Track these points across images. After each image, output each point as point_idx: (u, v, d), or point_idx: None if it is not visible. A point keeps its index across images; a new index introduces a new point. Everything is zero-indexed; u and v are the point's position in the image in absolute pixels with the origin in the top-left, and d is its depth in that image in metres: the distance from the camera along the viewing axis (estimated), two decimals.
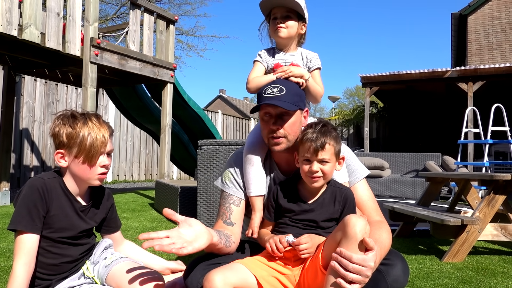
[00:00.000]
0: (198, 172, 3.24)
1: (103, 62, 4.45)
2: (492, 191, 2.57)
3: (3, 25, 3.65)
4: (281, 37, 1.58)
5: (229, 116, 13.01)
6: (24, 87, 7.19)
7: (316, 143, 1.33)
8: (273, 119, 1.43)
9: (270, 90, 1.43)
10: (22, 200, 1.33)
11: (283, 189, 1.44)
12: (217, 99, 34.36)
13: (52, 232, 1.37)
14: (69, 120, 1.39)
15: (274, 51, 1.65)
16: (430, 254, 2.68)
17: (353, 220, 1.15)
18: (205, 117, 6.63)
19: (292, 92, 1.44)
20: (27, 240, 1.30)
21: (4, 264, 2.23)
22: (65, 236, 1.40)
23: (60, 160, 1.39)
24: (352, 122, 13.10)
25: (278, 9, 1.58)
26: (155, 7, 5.35)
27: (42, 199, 1.34)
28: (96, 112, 1.48)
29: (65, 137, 1.37)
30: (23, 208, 1.31)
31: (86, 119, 1.39)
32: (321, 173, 1.35)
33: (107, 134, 1.40)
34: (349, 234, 1.14)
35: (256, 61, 1.65)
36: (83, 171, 1.39)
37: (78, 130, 1.37)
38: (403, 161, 7.39)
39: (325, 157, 1.34)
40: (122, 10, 15.30)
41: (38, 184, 1.35)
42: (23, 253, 1.29)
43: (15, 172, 6.99)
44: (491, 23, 11.99)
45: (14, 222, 1.31)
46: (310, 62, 1.61)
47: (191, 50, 17.31)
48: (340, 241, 1.16)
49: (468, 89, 8.43)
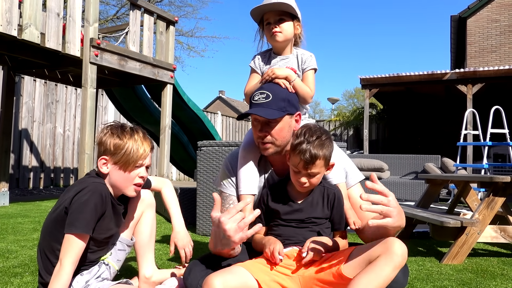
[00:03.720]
0: (198, 173, 3.24)
1: (103, 63, 4.44)
2: (492, 193, 2.57)
3: (3, 25, 3.64)
4: (278, 41, 1.58)
5: (228, 117, 13.00)
6: (24, 87, 7.18)
7: (306, 158, 1.33)
8: (260, 126, 1.44)
9: (257, 96, 1.45)
10: (86, 205, 1.39)
11: (273, 192, 1.46)
12: (216, 100, 34.36)
13: (100, 233, 1.48)
14: (118, 131, 1.51)
15: (270, 55, 1.64)
16: (429, 256, 2.68)
17: (397, 244, 1.18)
18: (205, 118, 6.62)
19: (279, 98, 1.43)
20: (81, 241, 1.39)
21: (3, 264, 2.22)
22: (108, 236, 1.53)
23: (103, 166, 1.50)
24: (351, 124, 13.10)
25: (270, 14, 1.57)
26: (155, 8, 5.35)
27: (103, 204, 1.44)
28: (142, 128, 1.59)
29: (112, 146, 1.48)
30: (88, 213, 1.39)
31: (134, 132, 1.52)
32: (308, 184, 1.37)
33: (148, 149, 1.53)
34: (392, 254, 1.17)
35: (251, 69, 1.65)
36: (121, 179, 1.50)
37: (124, 141, 1.48)
38: (403, 163, 7.39)
39: (314, 171, 1.35)
40: (122, 11, 15.31)
41: (102, 189, 1.45)
42: (74, 252, 1.37)
43: (14, 173, 6.98)
44: (490, 25, 12.02)
45: (79, 227, 1.37)
46: (304, 64, 1.61)
47: (191, 51, 17.24)
48: (378, 257, 1.19)
49: (468, 91, 8.45)
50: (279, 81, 1.49)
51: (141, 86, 6.29)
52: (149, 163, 1.56)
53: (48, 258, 1.46)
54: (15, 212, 4.28)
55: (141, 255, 1.74)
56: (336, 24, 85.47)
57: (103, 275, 1.56)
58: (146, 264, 1.75)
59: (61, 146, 7.90)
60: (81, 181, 1.50)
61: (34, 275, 2.03)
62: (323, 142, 1.35)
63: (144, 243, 1.74)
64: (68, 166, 8.06)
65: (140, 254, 1.74)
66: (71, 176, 8.11)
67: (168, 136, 5.39)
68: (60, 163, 7.91)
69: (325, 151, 1.34)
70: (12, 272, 2.06)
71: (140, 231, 1.73)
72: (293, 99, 1.49)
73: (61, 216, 1.43)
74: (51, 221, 1.47)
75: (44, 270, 1.47)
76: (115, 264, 1.62)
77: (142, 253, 1.74)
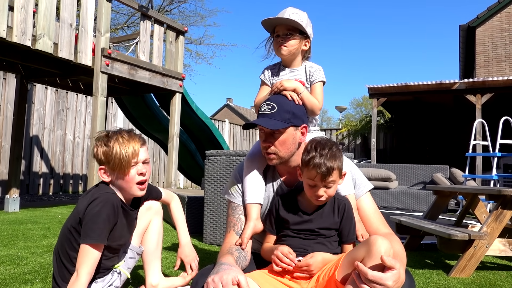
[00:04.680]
0: (205, 182, 3.26)
1: (114, 72, 4.52)
2: (500, 206, 2.55)
3: (17, 36, 3.74)
4: (283, 55, 1.62)
5: (236, 125, 13.06)
6: (35, 95, 7.31)
7: (323, 171, 1.34)
8: (264, 136, 1.47)
9: (263, 107, 1.48)
10: (99, 216, 1.43)
11: (284, 201, 1.47)
12: (224, 108, 34.52)
13: (113, 241, 1.52)
14: (104, 139, 1.54)
15: (280, 67, 1.68)
16: (437, 269, 2.66)
17: (379, 241, 1.15)
18: (213, 126, 6.67)
19: (284, 109, 1.46)
20: (96, 251, 1.43)
21: (14, 271, 2.26)
22: (121, 243, 1.57)
23: (103, 176, 1.54)
24: (359, 133, 13.06)
25: (280, 27, 1.61)
26: (165, 18, 5.44)
27: (115, 214, 1.48)
28: (128, 128, 1.62)
29: (102, 155, 1.52)
30: (101, 224, 1.43)
31: (118, 136, 1.54)
32: (326, 195, 1.38)
33: (137, 146, 1.54)
34: (374, 253, 1.14)
35: (261, 81, 1.69)
36: (123, 181, 1.53)
37: (111, 147, 1.51)
38: (411, 172, 7.35)
39: (331, 181, 1.36)
40: (133, 19, 15.54)
41: (113, 200, 1.49)
42: (90, 263, 1.41)
43: (24, 179, 7.08)
44: (499, 35, 11.96)
45: (93, 237, 1.41)
46: (312, 76, 1.63)
47: (200, 58, 17.40)
48: (363, 259, 1.17)
49: (476, 101, 8.39)
50: (286, 93, 1.51)
51: (150, 94, 6.36)
52: (146, 157, 1.57)
53: (64, 265, 1.50)
54: (25, 218, 4.34)
55: (148, 263, 1.77)
56: (345, 32, 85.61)
57: (115, 283, 1.59)
58: (152, 272, 1.77)
59: (70, 153, 7.99)
60: (93, 192, 1.53)
61: (44, 282, 2.06)
62: (334, 153, 1.38)
63: (151, 251, 1.77)
64: (77, 173, 8.15)
65: (147, 262, 1.77)
66: (80, 183, 8.19)
67: (177, 144, 5.44)
68: (70, 169, 8.00)
69: (338, 162, 1.37)
70: (22, 279, 2.10)
71: (148, 239, 1.76)
72: (299, 111, 1.50)
73: (76, 225, 1.48)
74: (67, 229, 1.52)
75: (59, 276, 1.51)
76: (126, 271, 1.65)
77: (149, 261, 1.77)
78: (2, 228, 3.65)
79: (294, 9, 1.61)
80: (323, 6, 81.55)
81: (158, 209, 1.79)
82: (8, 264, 2.40)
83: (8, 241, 3.08)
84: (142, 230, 1.72)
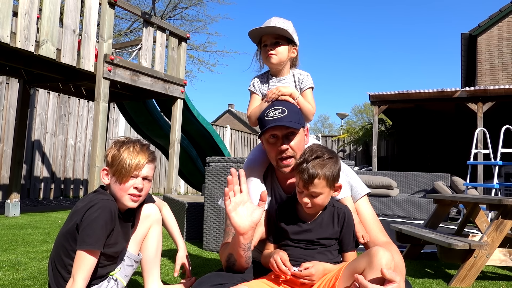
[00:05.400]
0: (206, 189, 3.27)
1: (116, 78, 4.54)
2: (501, 215, 2.55)
3: (21, 41, 3.77)
4: (272, 63, 1.63)
5: (237, 131, 13.08)
6: (38, 100, 7.34)
7: (305, 177, 1.32)
8: (280, 141, 1.46)
9: (272, 113, 1.47)
10: (96, 221, 1.43)
11: (283, 210, 1.46)
12: (225, 114, 34.56)
13: (109, 248, 1.52)
14: (119, 144, 1.57)
15: (268, 77, 1.68)
16: (437, 278, 2.65)
17: (381, 253, 1.14)
18: (214, 132, 6.68)
19: (293, 111, 1.48)
20: (93, 257, 1.43)
21: (13, 276, 2.25)
22: (117, 250, 1.57)
23: (104, 177, 1.56)
24: (360, 140, 13.06)
25: (267, 36, 1.63)
26: (168, 24, 5.48)
27: (112, 220, 1.48)
28: (147, 143, 1.64)
29: (111, 157, 1.54)
30: (98, 230, 1.43)
31: (131, 145, 1.56)
32: (311, 204, 1.36)
33: (144, 160, 1.55)
34: (375, 265, 1.13)
35: (251, 92, 1.69)
36: (116, 189, 1.54)
37: (120, 153, 1.53)
38: (412, 180, 7.32)
39: (315, 191, 1.33)
40: (136, 25, 15.63)
41: (111, 206, 1.49)
42: (86, 269, 1.41)
43: (25, 183, 7.09)
44: (501, 43, 12.00)
45: (90, 243, 1.41)
46: (301, 83, 1.65)
47: (202, 65, 17.45)
48: (363, 271, 1.16)
49: (478, 109, 8.40)
50: (285, 97, 1.53)
51: (152, 100, 6.39)
52: (148, 175, 1.58)
53: (60, 273, 1.49)
54: (26, 223, 4.34)
55: (147, 270, 1.76)
56: (347, 38, 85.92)
57: None
58: (152, 279, 1.77)
59: (72, 158, 8.01)
60: (91, 198, 1.54)
61: None
62: (324, 162, 1.34)
63: (150, 259, 1.76)
64: (78, 178, 8.16)
65: (146, 270, 1.77)
66: (81, 188, 8.19)
67: (177, 150, 5.45)
68: (71, 174, 8.00)
69: (325, 171, 1.33)
70: (21, 285, 2.09)
71: (147, 246, 1.76)
72: (302, 113, 1.55)
73: (73, 232, 1.46)
74: (63, 236, 1.51)
75: (54, 283, 1.50)
76: (123, 279, 1.64)
77: (148, 268, 1.76)
78: (2, 233, 3.65)
79: (279, 19, 1.62)
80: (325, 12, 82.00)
81: (158, 218, 1.79)
82: (7, 269, 2.40)
83: (8, 246, 3.08)
84: (141, 237, 1.72)
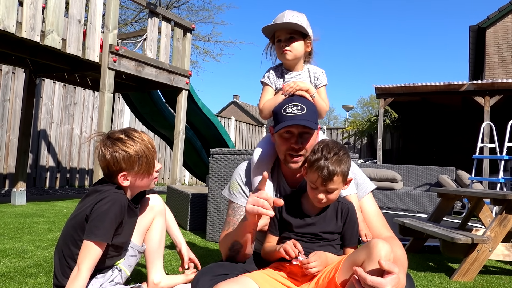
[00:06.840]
0: (209, 180, 3.28)
1: (121, 68, 4.54)
2: (504, 210, 2.54)
3: (26, 31, 3.77)
4: (288, 59, 1.60)
5: (242, 123, 13.07)
6: (43, 90, 7.38)
7: (324, 175, 1.31)
8: (295, 138, 1.43)
9: (291, 108, 1.43)
10: (106, 214, 1.44)
11: (287, 202, 1.45)
12: (230, 105, 34.54)
13: (117, 239, 1.52)
14: (115, 144, 1.48)
15: (283, 71, 1.65)
16: (439, 272, 2.65)
17: (380, 245, 1.15)
18: (218, 124, 6.69)
19: (312, 111, 1.45)
20: (99, 248, 1.44)
21: (18, 264, 2.29)
22: (123, 241, 1.58)
23: (124, 181, 1.52)
24: (365, 133, 13.01)
25: (281, 32, 1.59)
26: (173, 15, 5.45)
27: (121, 214, 1.48)
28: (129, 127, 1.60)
29: (123, 163, 1.48)
30: (107, 223, 1.43)
31: (129, 136, 1.50)
32: (326, 199, 1.36)
33: (151, 141, 1.55)
34: (374, 257, 1.14)
35: (265, 84, 1.65)
36: (145, 182, 1.55)
37: (131, 150, 1.48)
38: (416, 174, 7.29)
39: (332, 187, 1.34)
40: (141, 15, 15.58)
41: (122, 200, 1.48)
42: (91, 259, 1.42)
43: (31, 172, 7.16)
44: (510, 36, 11.82)
45: (98, 235, 1.42)
46: (317, 80, 1.63)
47: (207, 55, 17.42)
48: (363, 263, 1.16)
49: (485, 103, 8.31)
50: (303, 93, 1.50)
51: (157, 91, 6.39)
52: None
53: (67, 262, 1.51)
54: (31, 212, 4.39)
55: (150, 261, 1.78)
56: (353, 30, 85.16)
57: (116, 279, 1.61)
58: (155, 270, 1.79)
59: (77, 147, 8.06)
60: (102, 189, 1.52)
61: (48, 276, 2.09)
62: (341, 158, 1.34)
63: (153, 250, 1.78)
64: (83, 167, 8.22)
65: (149, 260, 1.78)
66: (86, 177, 8.26)
67: (182, 141, 5.46)
68: (76, 163, 8.07)
69: (343, 167, 1.33)
70: (27, 272, 2.13)
71: (150, 237, 1.77)
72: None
73: (81, 223, 1.48)
74: (71, 227, 1.52)
75: (60, 272, 1.52)
76: (127, 269, 1.66)
77: (152, 259, 1.78)
78: (8, 221, 3.70)
79: (293, 12, 1.59)
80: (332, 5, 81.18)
81: (161, 209, 1.80)
82: (13, 257, 2.44)
83: (14, 234, 3.12)
84: (145, 228, 1.74)
